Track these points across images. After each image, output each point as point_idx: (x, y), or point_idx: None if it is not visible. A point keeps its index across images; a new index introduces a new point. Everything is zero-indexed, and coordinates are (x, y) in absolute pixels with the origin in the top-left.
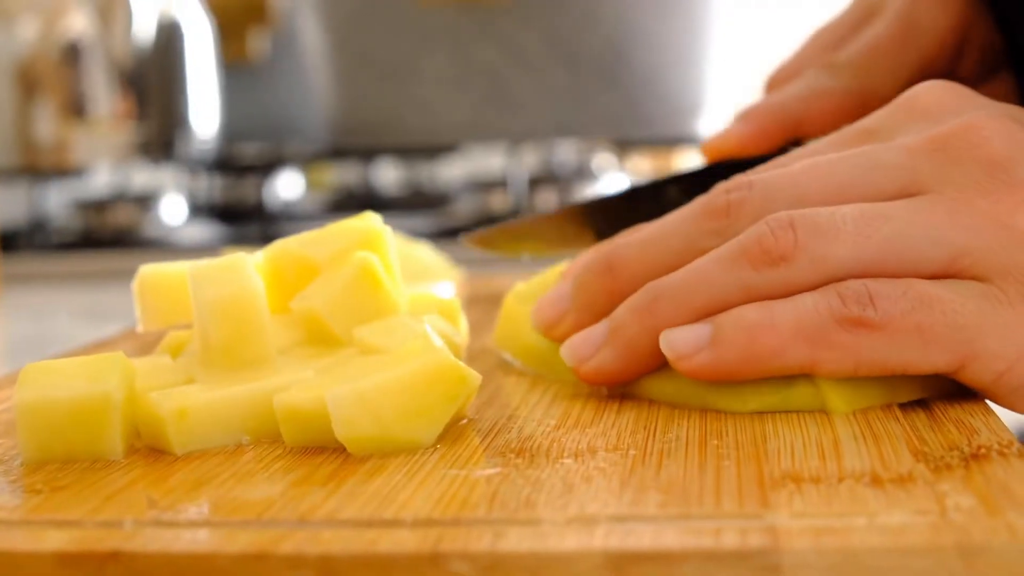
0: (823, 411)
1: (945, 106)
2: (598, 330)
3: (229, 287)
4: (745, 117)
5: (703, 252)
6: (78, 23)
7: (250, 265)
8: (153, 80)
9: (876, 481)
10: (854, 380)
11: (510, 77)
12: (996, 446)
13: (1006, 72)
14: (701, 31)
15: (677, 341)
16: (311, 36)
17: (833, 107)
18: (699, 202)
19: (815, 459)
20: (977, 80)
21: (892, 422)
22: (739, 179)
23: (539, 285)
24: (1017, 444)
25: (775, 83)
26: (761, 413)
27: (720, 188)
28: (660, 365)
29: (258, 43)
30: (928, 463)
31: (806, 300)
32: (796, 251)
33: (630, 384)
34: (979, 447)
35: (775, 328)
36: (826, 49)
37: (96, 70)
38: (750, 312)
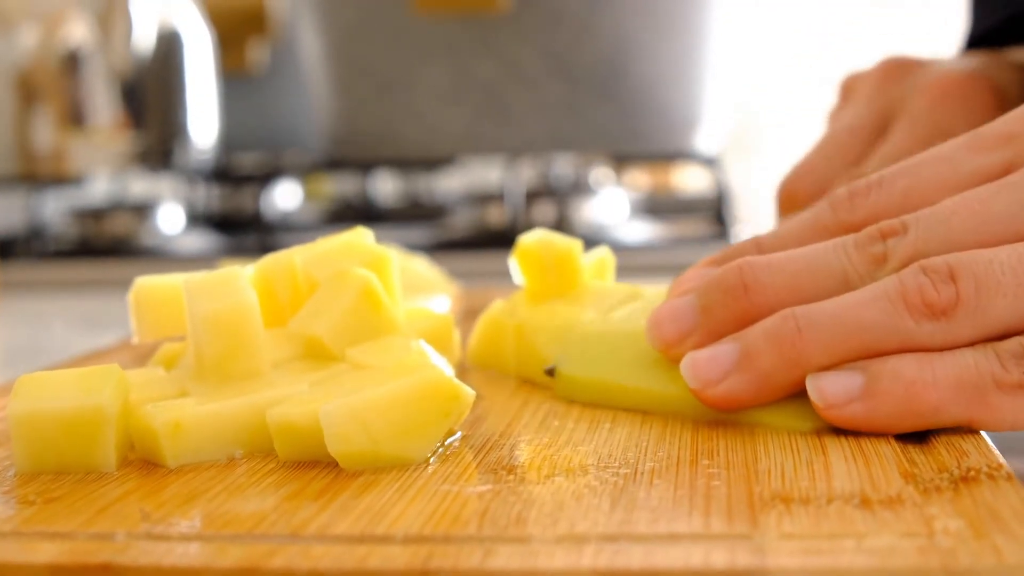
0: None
1: None
2: (725, 351)
3: (223, 301)
4: None
5: (850, 289)
6: (78, 32)
7: (244, 279)
8: (152, 89)
9: (865, 503)
10: None
11: (507, 90)
12: (985, 469)
13: None
14: (698, 46)
15: (828, 389)
16: (310, 47)
17: None
18: (851, 239)
19: (805, 480)
20: None
21: (882, 444)
22: (892, 221)
23: (515, 303)
24: (1006, 467)
25: (790, 194)
26: (753, 433)
27: (873, 229)
28: (789, 396)
29: (257, 54)
30: (917, 485)
31: (967, 358)
32: (958, 306)
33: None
34: (968, 470)
35: (936, 386)
36: (849, 162)
37: (95, 79)
38: (909, 367)
